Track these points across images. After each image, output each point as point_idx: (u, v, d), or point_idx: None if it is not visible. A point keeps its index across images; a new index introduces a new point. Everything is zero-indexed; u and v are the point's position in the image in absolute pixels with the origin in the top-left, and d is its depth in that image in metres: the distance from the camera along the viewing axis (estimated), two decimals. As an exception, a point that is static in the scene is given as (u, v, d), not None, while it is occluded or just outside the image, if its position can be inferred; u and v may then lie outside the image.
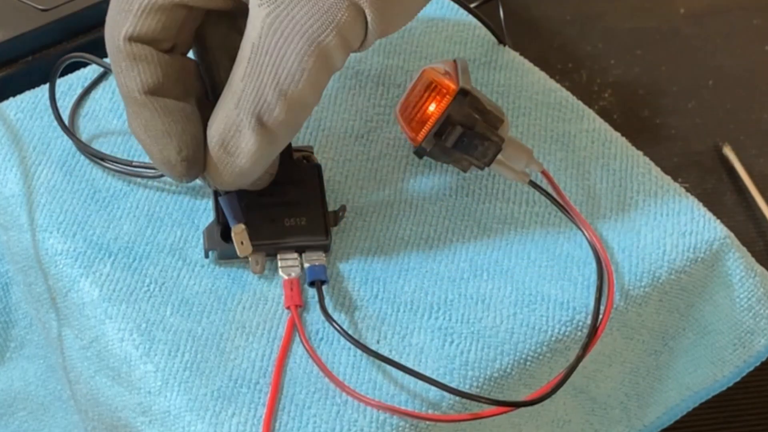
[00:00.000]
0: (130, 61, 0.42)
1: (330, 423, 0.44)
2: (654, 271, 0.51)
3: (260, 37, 0.40)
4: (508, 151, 0.50)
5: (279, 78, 0.41)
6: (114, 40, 0.42)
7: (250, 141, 0.42)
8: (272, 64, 0.41)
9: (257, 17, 0.40)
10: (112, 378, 0.47)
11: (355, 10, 0.39)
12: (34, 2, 0.60)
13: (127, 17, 0.41)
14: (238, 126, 0.42)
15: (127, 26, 0.41)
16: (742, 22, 0.96)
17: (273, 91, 0.41)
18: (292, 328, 0.47)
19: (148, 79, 0.42)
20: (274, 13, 0.40)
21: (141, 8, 0.41)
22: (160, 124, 0.42)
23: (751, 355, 0.54)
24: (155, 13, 0.41)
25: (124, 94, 0.43)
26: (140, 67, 0.42)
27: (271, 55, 0.40)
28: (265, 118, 0.42)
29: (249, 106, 0.42)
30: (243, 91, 0.41)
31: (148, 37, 0.42)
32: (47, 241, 0.49)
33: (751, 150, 0.86)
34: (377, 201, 0.52)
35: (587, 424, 0.54)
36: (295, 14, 0.40)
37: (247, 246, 0.47)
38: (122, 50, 0.42)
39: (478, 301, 0.49)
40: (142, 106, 0.42)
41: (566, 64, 0.90)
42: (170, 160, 0.43)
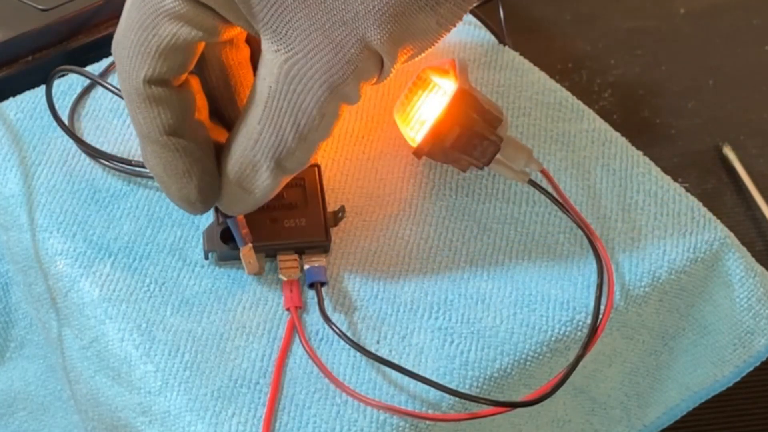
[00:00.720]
0: (150, 103, 0.41)
1: (330, 423, 0.44)
2: (654, 270, 0.51)
3: (278, 83, 0.40)
4: (507, 151, 0.50)
5: (299, 123, 0.41)
6: (132, 83, 0.41)
7: (267, 180, 0.43)
8: (291, 110, 0.40)
9: (273, 62, 0.40)
10: (112, 378, 0.47)
11: (374, 56, 0.39)
12: (34, 2, 0.60)
13: (146, 60, 0.41)
14: (255, 166, 0.42)
15: (146, 69, 0.41)
16: (742, 22, 0.96)
17: (293, 136, 0.41)
18: (292, 328, 0.47)
19: (170, 120, 0.42)
20: (292, 59, 0.39)
21: (159, 51, 0.40)
22: (180, 165, 0.42)
23: (751, 355, 0.54)
24: (174, 54, 0.41)
25: (142, 134, 0.42)
26: (161, 109, 0.41)
27: (289, 101, 0.40)
28: (285, 161, 0.42)
29: (268, 149, 0.42)
30: (261, 134, 0.41)
31: (167, 77, 0.41)
32: (47, 241, 0.49)
33: (751, 150, 0.86)
34: (377, 201, 0.52)
35: (587, 424, 0.54)
36: (314, 63, 0.39)
37: (255, 265, 0.47)
38: (141, 93, 0.41)
39: (478, 301, 0.49)
40: (163, 148, 0.42)
41: (566, 64, 0.90)
42: (189, 198, 0.43)
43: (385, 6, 0.38)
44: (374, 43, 0.38)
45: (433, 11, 0.38)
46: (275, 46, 0.39)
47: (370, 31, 0.38)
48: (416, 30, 0.39)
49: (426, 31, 0.39)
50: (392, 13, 0.38)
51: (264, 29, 0.39)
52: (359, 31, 0.38)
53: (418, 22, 0.38)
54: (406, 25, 0.38)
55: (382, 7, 0.38)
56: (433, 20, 0.39)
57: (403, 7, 0.38)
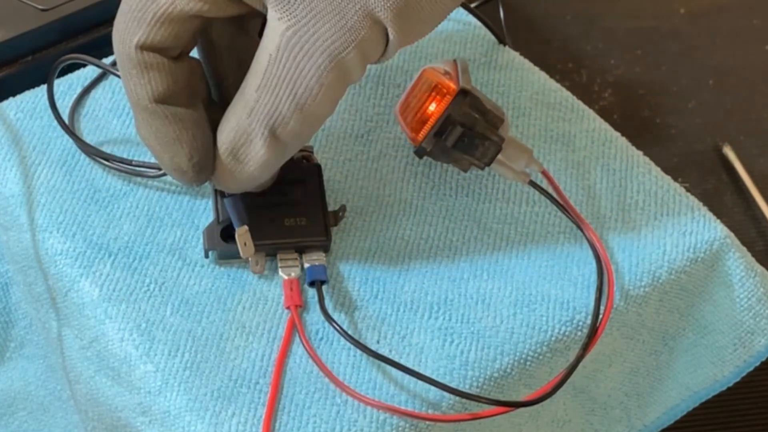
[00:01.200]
0: (141, 69, 0.41)
1: (330, 423, 0.44)
2: (654, 270, 0.51)
3: (278, 50, 0.40)
4: (508, 151, 0.50)
5: (296, 92, 0.40)
6: (125, 47, 0.41)
7: (260, 151, 0.42)
8: (290, 78, 0.40)
9: (275, 30, 0.40)
10: (112, 378, 0.47)
11: (376, 26, 0.39)
12: (34, 2, 0.60)
13: (140, 26, 0.41)
14: (249, 135, 0.42)
15: (139, 35, 0.41)
16: (742, 22, 0.96)
17: (289, 105, 0.41)
18: (292, 328, 0.47)
19: (159, 88, 0.42)
20: (294, 27, 0.39)
21: (155, 18, 0.40)
22: (171, 131, 0.42)
23: (751, 355, 0.54)
24: (169, 24, 0.41)
25: (133, 101, 0.42)
26: (151, 76, 0.41)
27: (289, 68, 0.40)
28: (279, 131, 0.42)
29: (263, 117, 0.41)
30: (257, 102, 0.41)
31: (160, 46, 0.41)
32: (47, 241, 0.49)
33: (752, 150, 0.86)
34: (377, 201, 0.52)
35: (587, 424, 0.54)
36: (316, 30, 0.39)
37: (250, 247, 0.47)
38: (133, 58, 0.41)
39: (478, 300, 0.49)
40: (152, 114, 0.42)
41: (566, 63, 0.90)
42: (181, 166, 0.43)
43: None
44: (378, 12, 0.38)
45: None
46: (278, 14, 0.39)
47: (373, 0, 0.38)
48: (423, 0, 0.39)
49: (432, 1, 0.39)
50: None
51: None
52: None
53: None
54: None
55: None
56: None
57: None
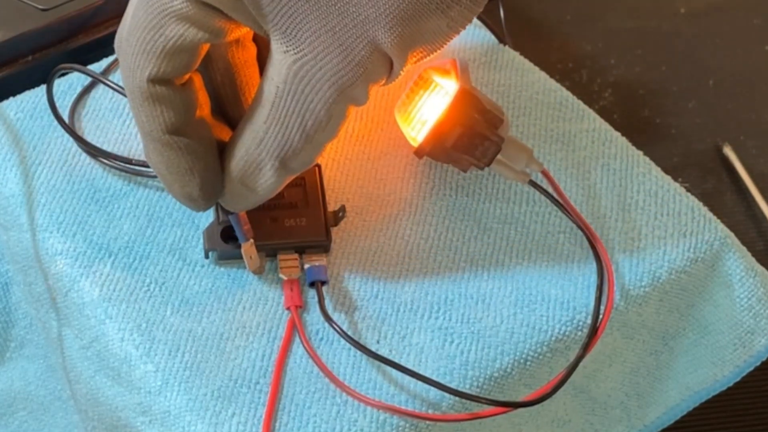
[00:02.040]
0: (153, 102, 0.41)
1: (330, 423, 0.44)
2: (654, 270, 0.51)
3: (286, 83, 0.40)
4: (508, 151, 0.50)
5: (306, 124, 0.41)
6: (135, 81, 0.41)
7: (270, 179, 0.43)
8: (298, 111, 0.40)
9: (282, 62, 0.40)
10: (112, 378, 0.47)
11: (383, 58, 0.39)
12: (34, 2, 0.60)
13: (150, 59, 0.40)
14: (259, 165, 0.42)
15: (150, 68, 0.40)
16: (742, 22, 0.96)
17: (299, 137, 0.41)
18: (292, 328, 0.47)
19: (172, 119, 0.42)
20: (301, 60, 0.39)
21: (165, 51, 0.40)
22: (183, 162, 0.42)
23: (751, 354, 0.54)
24: (179, 54, 0.40)
25: (144, 132, 0.42)
26: (163, 108, 0.41)
27: (297, 101, 0.40)
28: (290, 161, 0.42)
29: (273, 149, 0.42)
30: (266, 134, 0.41)
31: (171, 77, 0.41)
32: (47, 241, 0.49)
33: (752, 150, 0.86)
34: (377, 201, 0.52)
35: (587, 424, 0.54)
36: (323, 65, 0.39)
37: (256, 260, 0.47)
38: (145, 92, 0.41)
39: (478, 300, 0.49)
40: (165, 146, 0.42)
41: (566, 63, 0.90)
42: (192, 196, 0.43)
43: (396, 9, 0.38)
44: (384, 46, 0.38)
45: (444, 14, 0.38)
46: (284, 47, 0.39)
47: (380, 34, 0.38)
48: (426, 33, 0.39)
49: (436, 34, 0.39)
50: (403, 16, 0.38)
51: (273, 30, 0.39)
52: (369, 33, 0.38)
53: (429, 25, 0.38)
54: (416, 28, 0.38)
55: (393, 10, 0.38)
56: (444, 23, 0.39)
57: (413, 10, 0.38)
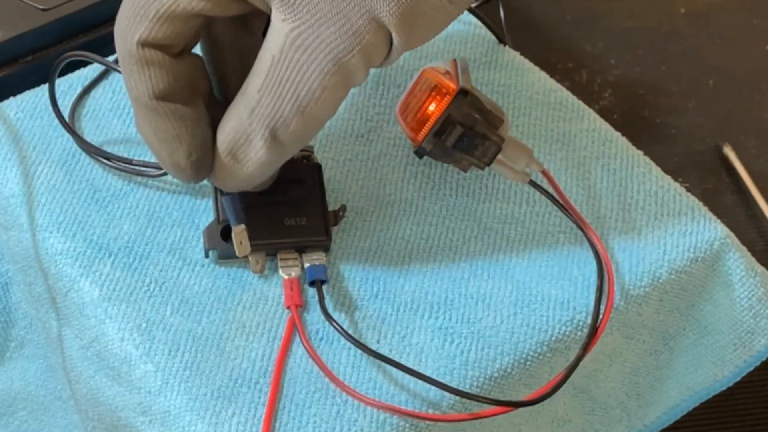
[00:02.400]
0: (142, 65, 0.41)
1: (330, 423, 0.44)
2: (654, 270, 0.51)
3: (282, 52, 0.40)
4: (508, 151, 0.50)
5: (299, 94, 0.40)
6: (126, 43, 0.41)
7: (260, 151, 0.42)
8: (292, 80, 0.40)
9: (280, 31, 0.40)
10: (112, 378, 0.47)
11: (381, 31, 0.39)
12: (34, 2, 0.60)
13: (142, 22, 0.40)
14: (249, 136, 0.42)
15: (141, 31, 0.40)
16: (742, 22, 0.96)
17: (291, 107, 0.41)
18: (292, 327, 0.47)
19: (160, 84, 0.41)
20: (299, 29, 0.39)
21: (158, 15, 0.40)
22: (170, 128, 0.42)
23: (751, 354, 0.54)
24: (172, 21, 0.40)
25: (133, 97, 0.42)
26: (152, 72, 0.41)
27: (292, 70, 0.40)
28: (279, 132, 0.42)
29: (264, 118, 0.41)
30: (259, 103, 0.41)
31: (162, 43, 0.41)
32: (47, 241, 0.49)
33: (752, 150, 0.86)
34: (377, 201, 0.52)
35: (587, 423, 0.54)
36: (320, 33, 0.39)
37: (246, 246, 0.47)
38: (134, 54, 0.41)
39: (479, 300, 0.49)
40: (152, 111, 0.42)
41: (566, 63, 0.90)
42: (179, 164, 0.43)
43: None
44: (383, 17, 0.38)
45: None
46: (283, 15, 0.39)
47: (379, 4, 0.38)
48: (427, 6, 0.39)
49: (437, 9, 0.39)
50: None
51: None
52: (368, 3, 0.38)
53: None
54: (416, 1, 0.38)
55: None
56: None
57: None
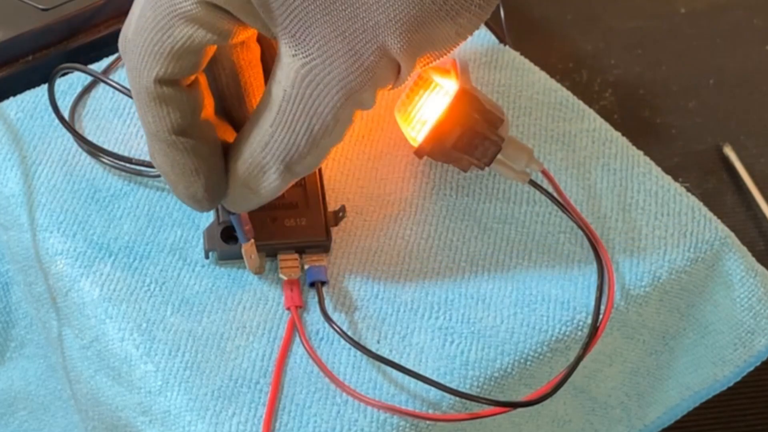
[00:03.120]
0: (159, 102, 0.41)
1: (330, 423, 0.44)
2: (654, 270, 0.51)
3: (293, 87, 0.40)
4: (508, 151, 0.50)
5: (312, 128, 0.40)
6: (142, 81, 0.41)
7: (274, 182, 0.42)
8: (306, 115, 0.40)
9: (290, 66, 0.40)
10: (113, 378, 0.47)
11: (391, 63, 0.39)
12: (34, 2, 0.60)
13: (158, 60, 0.40)
14: (263, 168, 0.42)
15: (158, 69, 0.40)
16: (743, 22, 0.96)
17: (306, 141, 0.41)
18: (293, 328, 0.47)
19: (178, 120, 0.41)
20: (309, 65, 0.39)
21: (173, 52, 0.40)
22: (189, 163, 0.42)
23: (751, 354, 0.54)
24: (187, 56, 0.40)
25: (151, 132, 0.42)
26: (170, 108, 0.41)
27: (305, 105, 0.40)
28: (295, 165, 0.42)
29: (278, 152, 0.41)
30: (272, 137, 0.41)
31: (178, 77, 0.41)
32: (47, 241, 0.49)
33: (752, 150, 0.86)
34: (377, 201, 0.52)
35: (588, 423, 0.54)
36: (332, 69, 0.39)
37: (256, 260, 0.47)
38: (152, 92, 0.41)
39: (479, 300, 0.49)
40: (171, 146, 0.42)
41: (567, 63, 0.90)
42: (197, 196, 0.43)
43: (406, 16, 0.38)
44: (393, 52, 0.38)
45: (453, 21, 0.38)
46: (293, 50, 0.39)
47: (389, 40, 0.38)
48: (435, 39, 0.39)
49: (445, 40, 0.39)
50: (413, 23, 0.38)
51: (282, 34, 0.39)
52: (379, 39, 0.38)
53: (438, 32, 0.38)
54: (425, 34, 0.38)
55: (403, 17, 0.38)
56: (453, 30, 0.39)
57: (423, 17, 0.38)
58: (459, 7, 0.38)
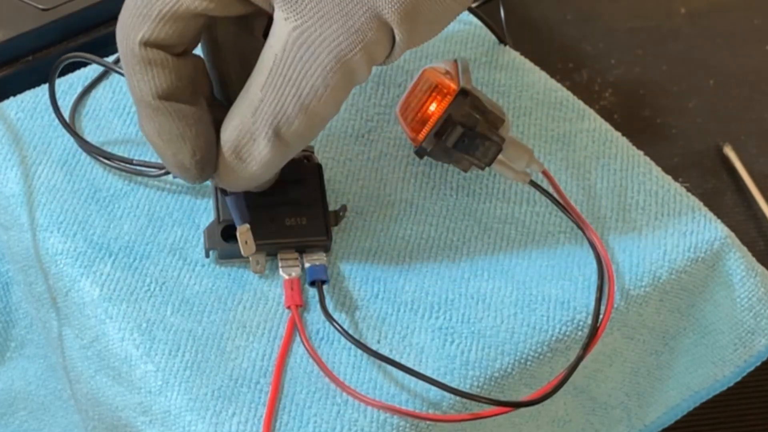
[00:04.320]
0: (145, 65, 0.41)
1: (330, 423, 0.44)
2: (654, 270, 0.51)
3: (284, 50, 0.40)
4: (508, 151, 0.50)
5: (302, 92, 0.40)
6: (128, 43, 0.41)
7: (264, 150, 0.42)
8: (295, 78, 0.40)
9: (282, 30, 0.40)
10: (113, 378, 0.47)
11: (383, 28, 0.39)
12: (34, 2, 0.60)
13: (144, 22, 0.40)
14: (252, 134, 0.42)
15: (144, 31, 0.40)
16: (743, 22, 0.96)
17: (294, 105, 0.41)
18: (293, 327, 0.47)
19: (163, 84, 0.41)
20: (301, 27, 0.39)
21: (160, 15, 0.40)
22: (174, 128, 0.42)
23: (751, 354, 0.54)
24: (174, 21, 0.40)
25: (136, 97, 0.42)
26: (155, 72, 0.41)
27: (294, 68, 0.40)
28: (283, 130, 0.42)
29: (267, 117, 0.41)
30: (262, 101, 0.41)
31: (164, 43, 0.41)
32: (48, 241, 0.49)
33: (752, 150, 0.86)
34: (378, 200, 0.52)
35: (588, 423, 0.54)
36: (323, 31, 0.39)
37: (251, 245, 0.47)
38: (137, 54, 0.41)
39: (479, 300, 0.49)
40: (155, 111, 0.42)
41: (567, 63, 0.90)
42: (184, 163, 0.43)
43: None
44: (385, 14, 0.38)
45: None
46: (285, 14, 0.39)
47: (381, 1, 0.38)
48: (429, 2, 0.39)
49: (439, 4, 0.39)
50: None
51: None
52: (370, 0, 0.38)
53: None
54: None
55: None
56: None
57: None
58: None
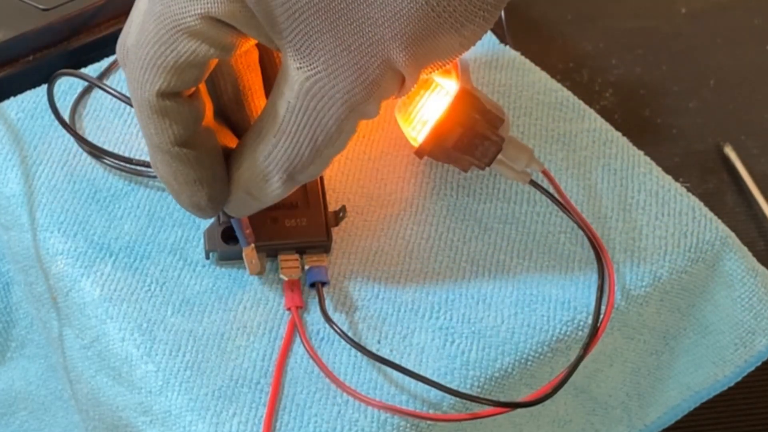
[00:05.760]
0: (162, 115, 0.41)
1: (331, 423, 0.44)
2: (655, 270, 0.51)
3: (297, 99, 0.40)
4: (508, 151, 0.50)
5: (316, 139, 0.40)
6: (144, 94, 0.41)
7: (277, 189, 0.43)
8: (309, 126, 0.40)
9: (294, 78, 0.39)
10: (113, 378, 0.47)
11: (396, 76, 0.39)
12: (35, 2, 0.60)
13: (161, 74, 0.40)
14: (266, 176, 0.42)
15: (160, 83, 0.40)
16: (743, 22, 0.96)
17: (309, 151, 0.41)
18: (293, 328, 0.47)
19: (180, 132, 0.41)
20: (314, 77, 0.39)
21: (176, 66, 0.40)
22: (192, 173, 0.42)
23: (752, 354, 0.54)
24: (190, 69, 0.40)
25: (153, 144, 0.42)
26: (172, 121, 0.41)
27: (309, 117, 0.40)
28: (298, 174, 0.42)
29: (281, 162, 0.41)
30: (276, 147, 0.41)
31: (180, 89, 0.41)
32: (48, 241, 0.49)
33: (752, 150, 0.86)
34: (378, 201, 0.52)
35: (588, 424, 0.54)
36: (337, 83, 0.39)
37: (257, 265, 0.47)
38: (154, 105, 0.41)
39: (479, 300, 0.49)
40: (173, 158, 0.42)
41: (567, 63, 0.91)
42: (200, 205, 0.43)
43: (411, 30, 0.37)
44: (398, 65, 0.38)
45: (458, 33, 0.38)
46: (297, 63, 0.39)
47: (394, 54, 0.38)
48: (439, 50, 0.39)
49: (448, 51, 0.39)
50: (417, 36, 0.38)
51: (288, 47, 0.39)
52: (384, 53, 0.38)
53: (442, 44, 0.38)
54: (430, 47, 0.38)
55: (408, 31, 0.37)
56: (457, 41, 0.39)
57: (428, 31, 0.37)
58: (464, 20, 0.38)
